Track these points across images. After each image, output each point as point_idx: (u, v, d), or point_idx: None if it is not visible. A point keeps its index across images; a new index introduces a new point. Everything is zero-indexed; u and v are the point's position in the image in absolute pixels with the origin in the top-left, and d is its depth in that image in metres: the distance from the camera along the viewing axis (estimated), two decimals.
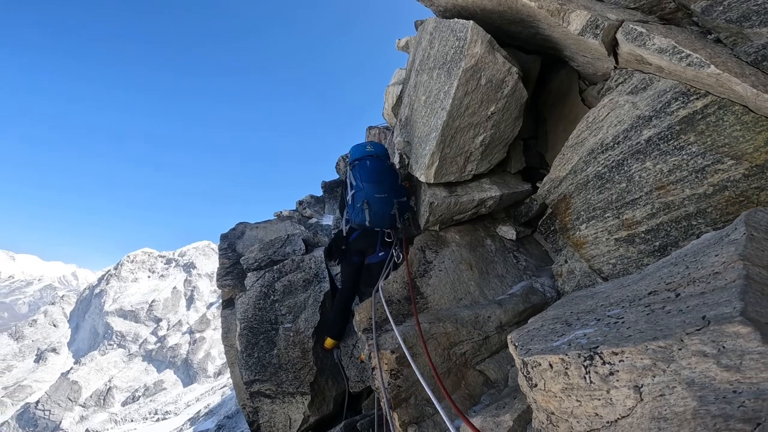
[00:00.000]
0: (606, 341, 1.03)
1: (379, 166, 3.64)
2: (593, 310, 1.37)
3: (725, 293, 0.92)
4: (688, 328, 0.88)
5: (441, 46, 3.28)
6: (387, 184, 3.57)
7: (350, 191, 3.58)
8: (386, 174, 3.63)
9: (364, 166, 3.62)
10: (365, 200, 3.44)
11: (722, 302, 0.89)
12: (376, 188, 3.50)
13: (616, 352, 0.97)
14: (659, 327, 0.95)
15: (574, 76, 3.72)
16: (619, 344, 0.97)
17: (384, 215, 3.47)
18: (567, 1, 2.77)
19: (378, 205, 3.45)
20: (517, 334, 1.52)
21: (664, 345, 0.88)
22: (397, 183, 3.68)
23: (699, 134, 2.25)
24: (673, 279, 1.23)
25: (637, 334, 0.98)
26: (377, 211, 3.44)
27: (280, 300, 4.02)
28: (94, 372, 55.84)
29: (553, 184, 3.22)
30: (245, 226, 5.43)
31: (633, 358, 0.95)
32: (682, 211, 2.32)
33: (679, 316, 0.96)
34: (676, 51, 2.18)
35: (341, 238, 3.75)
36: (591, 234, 2.86)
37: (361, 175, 3.57)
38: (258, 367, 3.68)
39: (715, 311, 0.88)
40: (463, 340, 2.76)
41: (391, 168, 3.73)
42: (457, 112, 3.08)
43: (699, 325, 0.87)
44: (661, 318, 1.00)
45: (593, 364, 1.03)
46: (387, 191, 3.52)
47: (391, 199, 3.51)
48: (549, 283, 3.31)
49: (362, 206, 3.43)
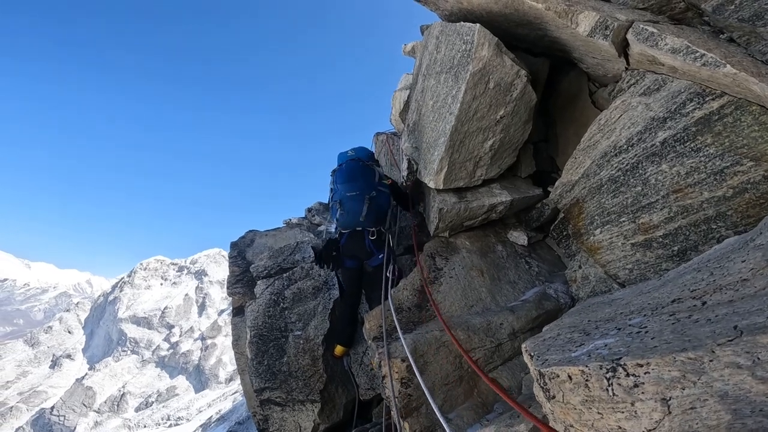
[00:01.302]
0: (630, 352, 0.99)
1: (353, 167, 3.70)
2: (613, 318, 1.32)
3: (756, 302, 0.87)
4: (719, 338, 0.83)
5: (448, 50, 3.25)
6: (360, 182, 3.62)
7: (330, 194, 3.77)
8: (359, 173, 3.67)
9: (341, 171, 3.71)
10: (338, 200, 3.58)
11: (754, 311, 0.85)
12: (347, 187, 3.58)
13: (641, 364, 0.92)
14: (687, 337, 0.91)
15: (584, 78, 3.66)
16: (645, 355, 0.93)
17: (354, 212, 3.54)
18: (574, 3, 2.74)
19: (349, 203, 3.55)
20: (533, 343, 1.47)
21: (694, 356, 0.84)
22: (372, 180, 3.70)
23: (716, 135, 2.19)
24: (697, 286, 1.18)
25: (664, 345, 0.93)
26: (349, 209, 3.55)
27: (289, 307, 4.00)
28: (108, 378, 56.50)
29: (565, 188, 3.16)
30: (255, 234, 5.45)
31: (660, 370, 0.90)
32: (701, 214, 2.25)
33: (708, 326, 0.91)
34: (690, 51, 2.13)
35: (332, 242, 3.79)
36: (606, 239, 2.79)
37: (336, 177, 3.70)
38: (268, 375, 3.66)
39: (747, 321, 0.83)
40: (475, 347, 2.71)
41: (366, 167, 3.76)
42: (466, 116, 3.05)
43: (731, 336, 0.82)
44: (688, 328, 0.96)
45: (616, 376, 0.99)
46: (358, 188, 3.58)
47: (362, 196, 3.56)
48: (563, 288, 3.24)
49: (335, 205, 3.59)
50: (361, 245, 3.66)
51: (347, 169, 3.68)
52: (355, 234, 3.66)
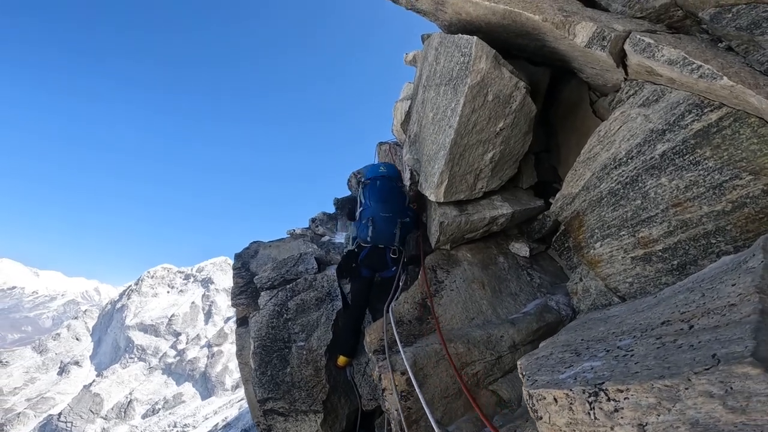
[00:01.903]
0: (612, 377, 1.00)
1: (388, 187, 3.83)
2: (604, 338, 1.32)
3: (738, 329, 0.88)
4: (697, 367, 0.85)
5: (446, 62, 3.28)
6: (393, 204, 3.75)
7: (359, 208, 3.84)
8: (394, 195, 3.81)
9: (374, 186, 3.82)
10: (371, 217, 3.67)
11: (735, 339, 0.85)
12: (382, 207, 3.70)
13: (621, 389, 0.94)
14: (667, 364, 0.92)
15: (585, 87, 3.65)
16: (625, 381, 0.94)
17: (386, 233, 3.67)
18: (572, 13, 2.73)
19: (382, 223, 3.66)
20: (527, 361, 1.48)
21: (670, 384, 0.85)
22: (404, 204, 3.86)
23: (715, 148, 2.17)
24: (688, 308, 1.18)
25: (645, 371, 0.94)
26: (381, 228, 3.66)
27: (293, 318, 4.03)
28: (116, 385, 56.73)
29: (566, 200, 3.15)
30: (259, 245, 5.50)
31: (638, 396, 0.92)
32: (701, 229, 2.24)
33: (690, 352, 0.92)
34: (686, 62, 2.12)
35: (352, 255, 3.88)
36: (606, 252, 2.78)
37: (371, 194, 3.78)
38: (271, 385, 3.68)
39: (727, 349, 0.84)
40: (475, 360, 2.71)
41: (399, 190, 3.92)
42: (465, 129, 3.07)
43: (708, 365, 0.83)
44: (671, 353, 0.96)
45: (598, 400, 1.01)
46: (392, 211, 3.71)
47: (396, 219, 3.71)
48: (564, 300, 3.23)
49: (367, 223, 3.66)
50: (382, 259, 3.79)
51: (382, 188, 3.82)
52: (377, 249, 3.78)
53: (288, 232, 6.05)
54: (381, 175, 3.94)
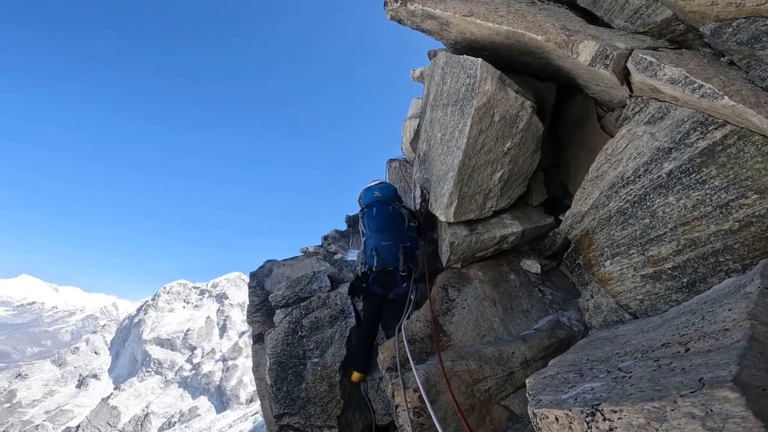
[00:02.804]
0: (609, 398, 1.06)
1: (384, 213, 3.93)
2: (608, 359, 1.37)
3: (726, 354, 0.93)
4: (683, 390, 0.91)
5: (453, 83, 3.34)
6: (393, 230, 3.87)
7: (362, 238, 3.99)
8: (392, 220, 3.92)
9: (372, 215, 3.94)
10: (374, 248, 3.82)
11: (722, 364, 0.91)
12: (382, 236, 3.83)
13: (615, 410, 1.00)
14: (659, 387, 0.97)
15: (592, 102, 3.66)
16: (619, 402, 1.00)
17: (391, 259, 3.81)
18: (574, 32, 2.76)
19: (385, 251, 3.81)
20: (534, 380, 1.53)
21: (658, 406, 0.91)
22: (403, 227, 3.96)
23: (720, 167, 2.19)
24: (687, 331, 1.23)
25: (638, 393, 1.00)
26: (385, 257, 3.80)
27: (307, 336, 4.11)
28: (133, 398, 57.27)
29: (575, 219, 3.18)
30: (273, 264, 5.64)
31: (630, 417, 0.98)
32: (709, 247, 2.25)
33: (681, 375, 0.98)
34: (688, 81, 2.14)
35: (363, 277, 4.01)
36: (616, 270, 2.80)
37: (369, 223, 3.93)
38: (287, 401, 3.74)
39: (713, 374, 0.90)
40: (486, 376, 2.74)
41: (397, 212, 4.00)
42: (473, 150, 3.13)
43: (693, 388, 0.89)
44: (664, 376, 1.02)
45: (595, 420, 1.06)
46: (393, 238, 3.83)
47: (397, 245, 3.83)
48: (576, 316, 3.23)
49: (371, 253, 3.82)
50: (392, 279, 3.90)
51: (379, 216, 3.92)
52: (386, 270, 3.90)
53: (301, 250, 6.18)
54: (377, 200, 4.04)
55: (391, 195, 4.14)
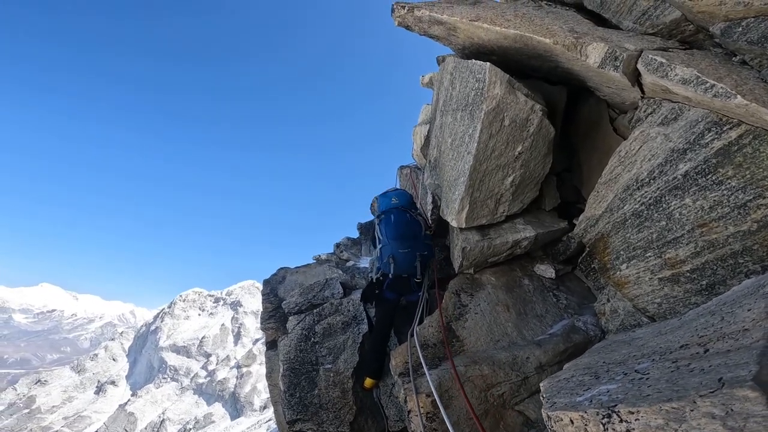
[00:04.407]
0: (625, 399, 1.05)
1: (402, 220, 3.90)
2: (624, 361, 1.35)
3: (746, 354, 0.91)
4: (703, 390, 0.90)
5: (462, 87, 3.34)
6: (410, 238, 3.84)
7: (378, 245, 3.93)
8: (409, 228, 3.89)
9: (389, 222, 3.90)
10: (391, 255, 3.77)
11: (741, 364, 0.89)
12: (400, 244, 3.79)
13: (632, 411, 0.99)
14: (677, 387, 0.96)
15: (604, 105, 3.61)
16: (636, 403, 0.99)
17: (408, 267, 3.77)
18: (582, 34, 2.75)
19: (402, 259, 3.76)
20: (548, 383, 1.51)
21: (677, 406, 0.91)
22: (420, 234, 3.93)
23: (737, 167, 2.14)
24: (706, 332, 1.21)
25: (656, 394, 0.99)
26: (402, 264, 3.76)
27: (320, 342, 4.12)
28: (149, 404, 58.01)
29: (589, 222, 3.14)
30: (286, 271, 5.67)
31: (648, 418, 0.97)
32: (727, 249, 2.20)
33: (700, 376, 0.96)
34: (700, 81, 2.11)
35: (377, 283, 3.98)
36: (633, 274, 2.75)
37: (386, 231, 3.88)
38: (300, 407, 3.75)
39: (732, 373, 0.88)
40: (500, 381, 2.71)
41: (414, 219, 3.98)
42: (483, 155, 3.12)
43: (713, 388, 0.88)
44: (682, 377, 1.01)
45: (611, 422, 1.05)
46: (410, 246, 3.80)
47: (414, 253, 3.79)
48: (592, 321, 3.18)
49: (388, 260, 3.77)
50: (406, 285, 3.88)
51: (397, 223, 3.89)
52: (401, 277, 3.88)
53: (314, 257, 6.22)
54: (394, 207, 4.01)
55: (408, 202, 4.13)
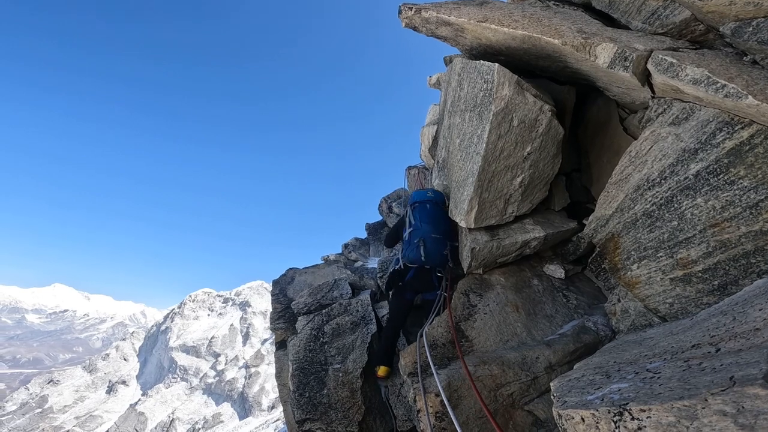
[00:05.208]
0: (637, 398, 1.06)
1: (438, 211, 3.93)
2: (636, 360, 1.35)
3: (757, 353, 0.92)
4: (714, 388, 0.91)
5: (470, 88, 3.34)
6: (443, 227, 3.84)
7: (408, 229, 3.92)
8: (443, 219, 3.90)
9: (425, 209, 3.93)
10: (422, 238, 3.74)
11: (752, 362, 0.90)
12: (433, 229, 3.79)
13: (644, 409, 1.00)
14: (689, 386, 0.97)
15: (613, 105, 3.61)
16: (648, 402, 1.01)
17: (437, 254, 3.72)
18: (591, 35, 2.74)
19: (433, 244, 3.73)
20: (559, 383, 1.52)
21: (688, 404, 0.92)
22: (452, 228, 3.94)
23: (749, 167, 2.13)
24: (717, 332, 1.21)
25: (667, 392, 1.00)
26: (431, 249, 3.72)
27: (329, 342, 4.16)
28: (159, 404, 58.64)
29: (599, 222, 3.12)
30: (295, 272, 5.72)
31: (659, 415, 0.98)
32: (740, 249, 2.18)
33: (711, 374, 0.97)
34: (711, 81, 2.10)
35: (398, 274, 3.98)
36: (644, 274, 2.73)
37: (421, 216, 3.89)
38: (309, 407, 3.78)
39: (743, 372, 0.89)
40: (509, 381, 2.71)
41: (447, 215, 3.98)
42: (492, 156, 3.13)
43: (724, 386, 0.90)
44: (694, 376, 1.02)
45: (623, 420, 1.07)
46: (442, 233, 3.79)
47: (446, 240, 3.78)
48: (602, 321, 3.17)
49: (418, 243, 3.73)
50: (428, 280, 3.87)
51: (433, 212, 3.92)
52: (424, 270, 3.87)
53: (322, 258, 6.26)
54: (429, 199, 4.03)
55: (442, 200, 4.15)
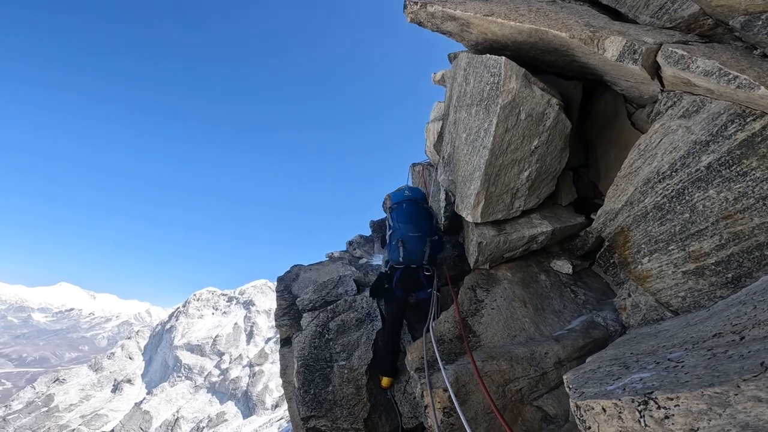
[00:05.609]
0: (662, 386, 1.04)
1: (414, 209, 3.94)
2: (654, 351, 1.33)
3: None
4: (745, 374, 0.89)
5: (476, 83, 3.32)
6: (422, 225, 3.84)
7: (389, 231, 3.98)
8: (421, 216, 3.91)
9: (401, 209, 3.95)
10: (400, 239, 3.76)
11: None
12: (410, 228, 3.79)
13: (671, 398, 0.99)
14: (717, 373, 0.96)
15: (620, 99, 3.57)
16: (675, 390, 0.99)
17: (417, 252, 3.74)
18: (599, 28, 2.72)
19: (412, 243, 3.74)
20: (573, 375, 1.49)
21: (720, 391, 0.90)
22: (432, 224, 3.95)
23: (761, 158, 2.11)
24: (739, 320, 1.18)
25: (695, 380, 0.99)
26: (411, 248, 3.74)
27: (334, 339, 4.13)
28: (164, 402, 58.86)
29: (608, 216, 3.09)
30: (299, 269, 5.70)
31: (689, 403, 0.96)
32: (753, 240, 2.15)
33: (740, 361, 0.95)
34: (722, 73, 2.08)
35: (385, 277, 4.01)
36: (655, 267, 2.70)
37: (398, 216, 3.91)
38: (314, 404, 3.76)
39: None
40: (518, 376, 2.68)
41: (426, 211, 4.02)
42: (499, 149, 3.10)
43: (756, 372, 0.88)
44: (721, 363, 1.00)
45: (648, 409, 1.05)
46: (421, 231, 3.79)
47: (425, 237, 3.77)
48: (612, 316, 3.13)
49: (397, 244, 3.76)
50: (416, 280, 3.86)
51: (409, 210, 3.93)
52: (410, 270, 3.86)
53: (327, 255, 6.23)
54: (407, 198, 4.05)
55: (420, 196, 4.19)
